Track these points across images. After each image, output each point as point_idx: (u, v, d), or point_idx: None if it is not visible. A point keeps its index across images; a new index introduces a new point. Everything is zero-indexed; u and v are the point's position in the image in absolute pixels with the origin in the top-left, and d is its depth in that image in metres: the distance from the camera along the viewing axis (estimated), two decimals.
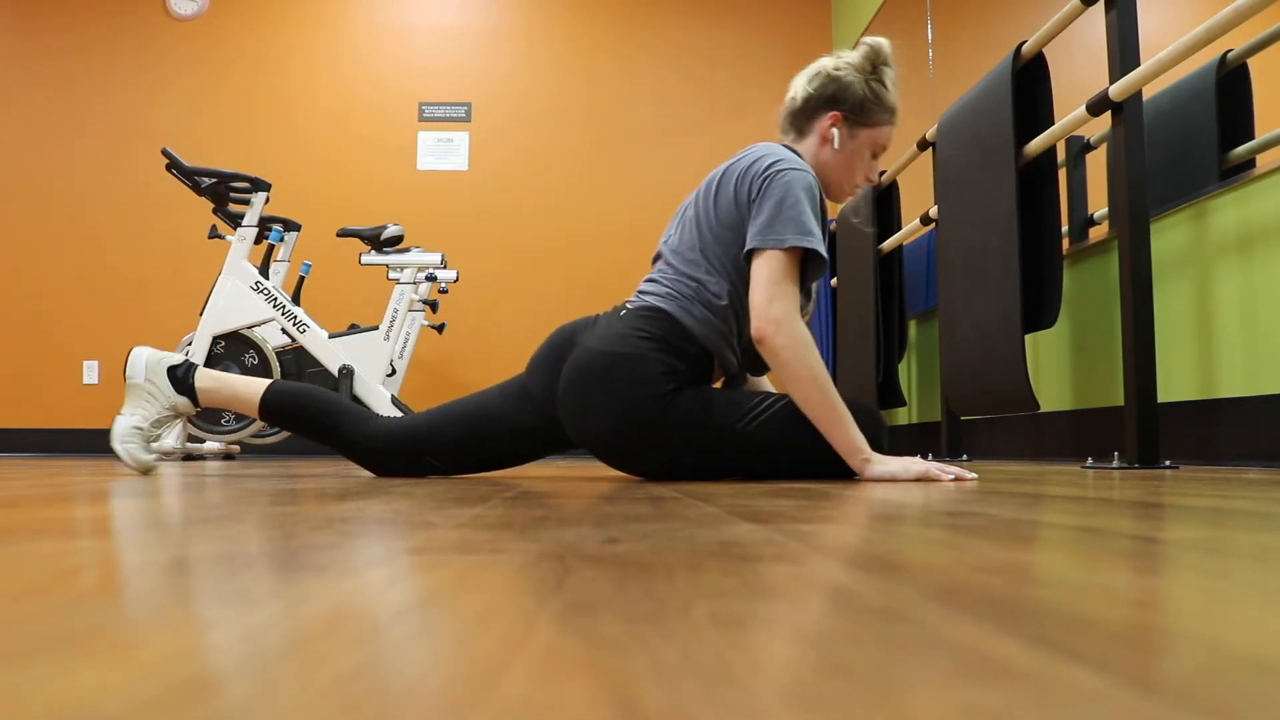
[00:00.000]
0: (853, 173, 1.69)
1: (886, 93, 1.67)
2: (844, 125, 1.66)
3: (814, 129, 1.68)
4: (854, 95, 1.65)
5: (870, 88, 1.65)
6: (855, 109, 1.65)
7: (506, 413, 1.66)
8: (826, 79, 1.66)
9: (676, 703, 0.21)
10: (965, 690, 0.22)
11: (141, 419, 1.62)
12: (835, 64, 1.68)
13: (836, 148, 1.66)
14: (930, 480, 1.39)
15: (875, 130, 1.67)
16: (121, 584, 0.39)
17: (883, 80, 1.67)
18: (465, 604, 0.34)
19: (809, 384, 1.48)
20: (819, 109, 1.67)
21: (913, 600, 0.35)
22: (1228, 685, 0.22)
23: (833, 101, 1.66)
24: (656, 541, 0.55)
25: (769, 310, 1.49)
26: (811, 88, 1.68)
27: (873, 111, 1.66)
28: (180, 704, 0.21)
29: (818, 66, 1.70)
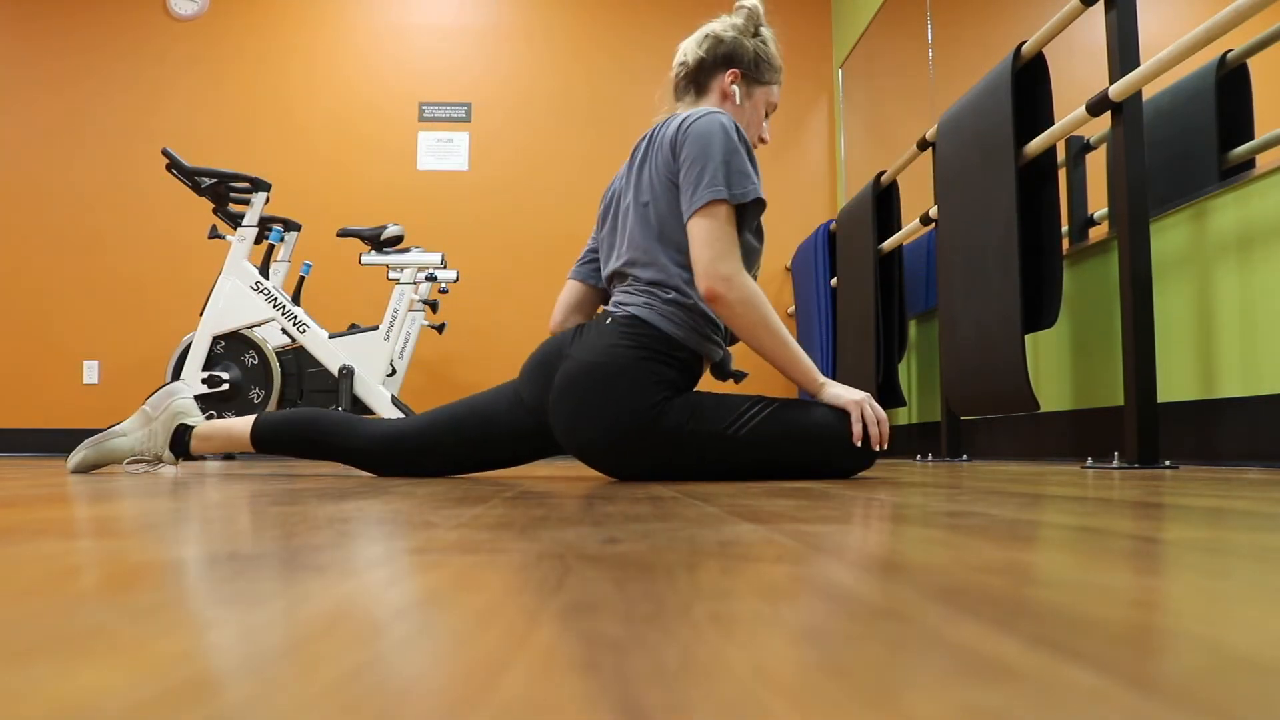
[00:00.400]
0: (753, 129, 1.74)
1: (772, 51, 1.74)
2: (742, 82, 1.72)
3: (712, 88, 1.73)
4: (747, 54, 1.71)
5: (758, 47, 1.72)
6: (750, 66, 1.72)
7: (502, 415, 1.66)
8: (716, 40, 1.72)
9: (676, 703, 0.21)
10: (965, 690, 0.22)
11: (132, 444, 1.71)
12: (722, 27, 1.73)
13: (738, 104, 1.72)
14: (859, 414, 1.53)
15: (767, 88, 1.74)
16: (121, 584, 0.39)
17: (766, 41, 1.74)
18: (465, 604, 0.34)
19: (763, 331, 1.55)
20: (715, 68, 1.72)
21: (913, 600, 0.35)
22: (1228, 685, 0.22)
23: (728, 60, 1.72)
24: (656, 541, 0.55)
25: (717, 267, 1.53)
26: (703, 50, 1.73)
27: (765, 69, 1.73)
28: (180, 704, 0.21)
29: (703, 31, 1.75)
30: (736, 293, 1.52)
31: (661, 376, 1.55)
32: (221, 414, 3.63)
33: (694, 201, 1.55)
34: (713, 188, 1.54)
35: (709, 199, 1.53)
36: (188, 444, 1.71)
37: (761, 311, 1.54)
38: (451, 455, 1.68)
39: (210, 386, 3.59)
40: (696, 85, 1.74)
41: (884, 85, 4.43)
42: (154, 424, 1.72)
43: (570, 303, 1.82)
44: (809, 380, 1.58)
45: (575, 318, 1.81)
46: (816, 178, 5.27)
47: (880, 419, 1.54)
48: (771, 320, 1.55)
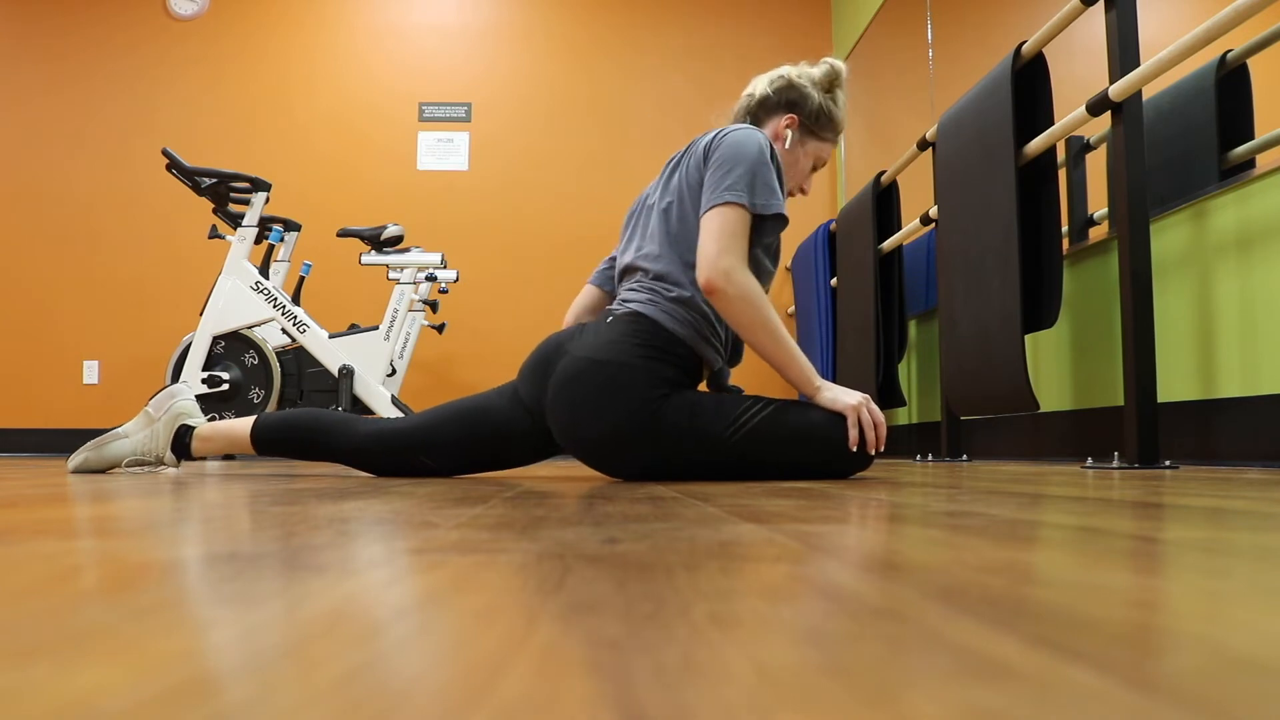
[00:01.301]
0: (795, 177, 1.76)
1: (839, 112, 1.76)
2: (798, 129, 1.74)
3: (768, 125, 1.75)
4: (812, 105, 1.73)
5: (826, 103, 1.74)
6: (811, 117, 1.74)
7: (503, 414, 1.66)
8: (788, 84, 1.74)
9: (676, 703, 0.21)
10: (965, 690, 0.22)
11: (134, 445, 1.72)
12: (798, 73, 1.75)
13: (787, 148, 1.73)
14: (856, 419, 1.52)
15: (821, 144, 1.76)
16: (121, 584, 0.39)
17: (836, 100, 1.76)
18: (465, 604, 0.34)
19: (761, 330, 1.55)
20: (777, 109, 1.74)
21: (913, 600, 0.35)
22: (1228, 685, 0.22)
23: (791, 105, 1.74)
24: (656, 541, 0.55)
25: (718, 261, 1.53)
26: (773, 88, 1.75)
27: (825, 125, 1.75)
28: (180, 704, 0.21)
29: (781, 71, 1.77)
30: (735, 288, 1.52)
31: (660, 374, 1.55)
32: (221, 414, 3.63)
33: (713, 199, 1.57)
34: (734, 191, 1.55)
35: (728, 199, 1.55)
36: (189, 445, 1.72)
37: (759, 309, 1.54)
38: (451, 454, 1.68)
39: (210, 386, 3.59)
40: (754, 118, 1.77)
41: (884, 85, 4.43)
42: (156, 425, 1.72)
43: (584, 306, 1.86)
44: (805, 382, 1.58)
45: (587, 320, 1.83)
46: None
47: (878, 422, 1.54)
48: (769, 319, 1.55)
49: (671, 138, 5.25)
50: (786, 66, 1.78)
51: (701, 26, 5.35)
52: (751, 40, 5.34)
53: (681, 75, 5.32)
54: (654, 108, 5.29)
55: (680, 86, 5.31)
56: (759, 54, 5.32)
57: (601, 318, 1.64)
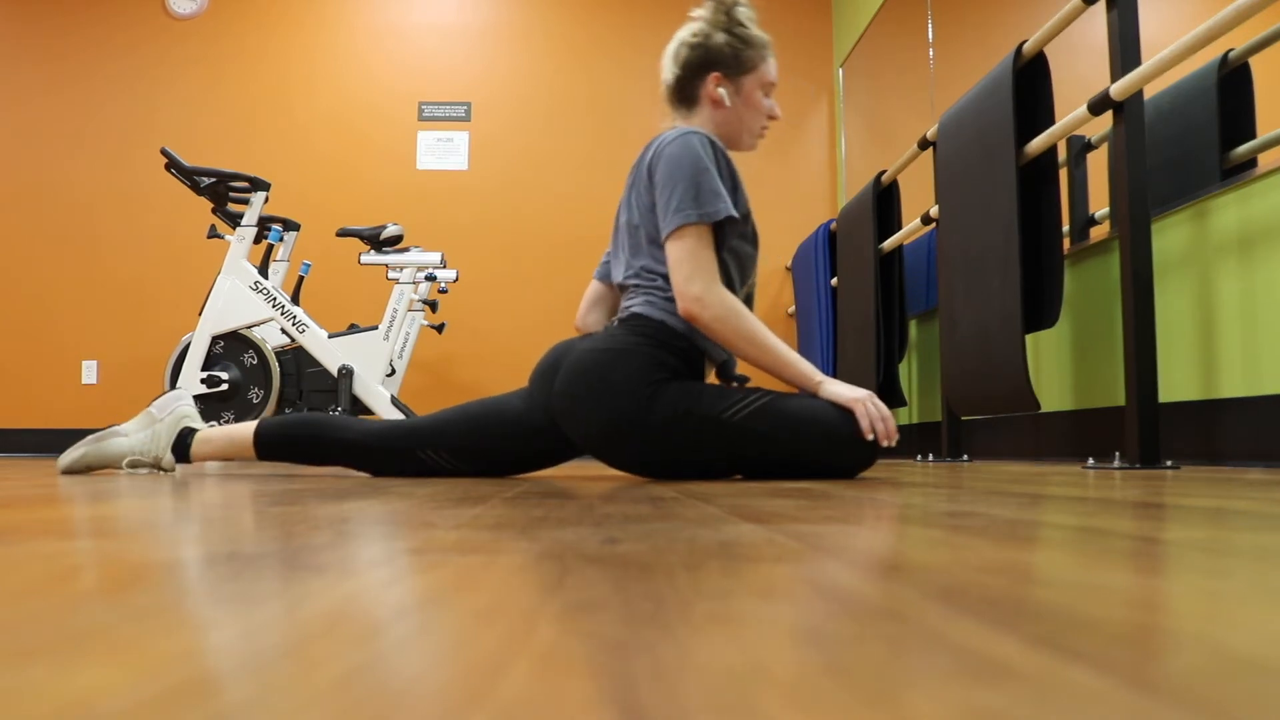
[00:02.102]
0: (754, 119, 1.73)
1: (750, 31, 1.71)
2: (727, 82, 1.70)
3: (700, 96, 1.72)
4: (722, 51, 1.69)
5: (733, 35, 1.70)
6: (729, 63, 1.70)
7: (519, 411, 1.68)
8: (689, 48, 1.71)
9: (676, 703, 0.21)
10: (965, 690, 0.22)
11: (133, 445, 1.71)
12: (690, 30, 1.72)
13: (729, 105, 1.71)
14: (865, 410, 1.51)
15: (756, 72, 1.72)
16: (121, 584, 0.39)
17: (740, 21, 1.71)
18: (465, 604, 0.34)
19: (745, 343, 1.56)
20: (694, 77, 1.71)
21: (913, 600, 0.35)
22: (1228, 685, 0.22)
23: (705, 65, 1.70)
24: (656, 541, 0.55)
25: (688, 288, 1.56)
26: (679, 64, 1.72)
27: (746, 57, 1.71)
28: (180, 704, 0.21)
29: (676, 39, 1.73)
30: (710, 310, 1.55)
31: (660, 360, 1.58)
32: (221, 414, 3.63)
33: (666, 227, 1.59)
34: (681, 212, 1.57)
35: (678, 223, 1.57)
36: (189, 448, 1.71)
37: (738, 323, 1.55)
38: (462, 449, 1.68)
39: (209, 386, 3.59)
40: (684, 100, 1.74)
41: (884, 85, 4.43)
42: (158, 426, 1.72)
43: (592, 298, 1.89)
44: (805, 379, 1.58)
45: (596, 312, 1.87)
46: (816, 177, 5.27)
47: (885, 416, 1.54)
48: (751, 329, 1.56)
49: None
50: (679, 31, 1.74)
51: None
52: None
53: None
54: (653, 108, 5.28)
55: None
56: None
57: (608, 325, 1.69)
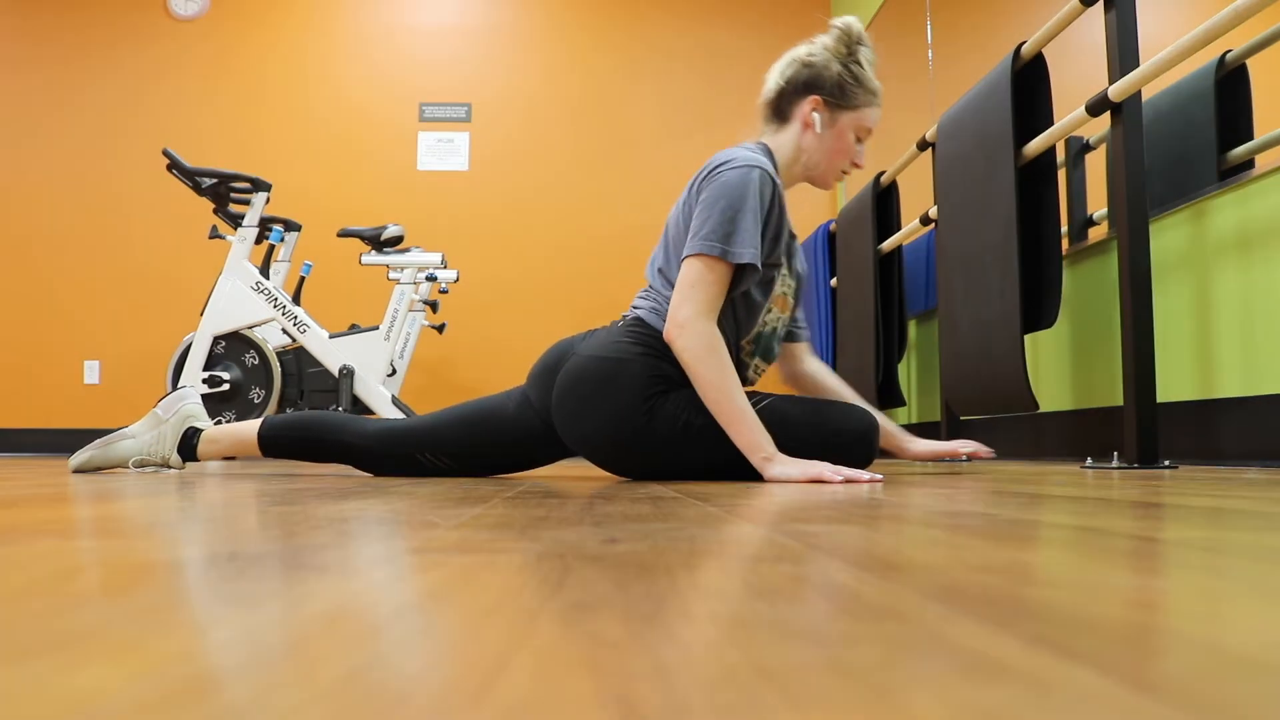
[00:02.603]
0: (839, 157, 1.67)
1: (865, 73, 1.65)
2: (824, 109, 1.65)
3: (794, 115, 1.67)
4: (830, 78, 1.64)
5: (848, 69, 1.64)
6: (834, 92, 1.64)
7: (512, 414, 1.68)
8: (800, 65, 1.66)
9: (676, 703, 0.21)
10: (965, 690, 0.22)
11: (140, 446, 1.72)
12: (808, 50, 1.67)
13: (819, 131, 1.65)
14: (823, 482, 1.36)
15: (857, 113, 1.66)
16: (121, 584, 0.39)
17: (859, 60, 1.66)
18: (465, 604, 0.34)
19: (707, 386, 1.49)
20: (796, 95, 1.66)
21: (913, 600, 0.35)
22: (1227, 685, 0.22)
23: (809, 86, 1.65)
24: (656, 541, 0.55)
25: (676, 313, 1.52)
26: (784, 77, 1.67)
27: (853, 93, 1.65)
28: (180, 704, 0.21)
29: (790, 55, 1.69)
30: (685, 340, 1.50)
31: (660, 371, 1.57)
32: (222, 414, 3.63)
33: (688, 248, 1.54)
34: (706, 240, 1.52)
35: (698, 250, 1.52)
36: (194, 447, 1.72)
37: (709, 362, 1.48)
38: (458, 454, 1.69)
39: (211, 386, 3.59)
40: (778, 114, 1.68)
41: (884, 85, 4.43)
42: (164, 426, 1.73)
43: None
44: (752, 448, 1.45)
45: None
46: None
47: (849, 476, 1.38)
48: (719, 375, 1.48)
49: (670, 137, 5.25)
50: (798, 46, 1.68)
51: (700, 27, 5.35)
52: (750, 40, 5.34)
53: (680, 75, 5.32)
54: (653, 107, 5.29)
55: (679, 86, 5.31)
56: (758, 53, 5.32)
57: (612, 324, 1.68)
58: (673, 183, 5.20)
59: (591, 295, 5.11)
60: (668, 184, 5.20)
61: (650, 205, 5.19)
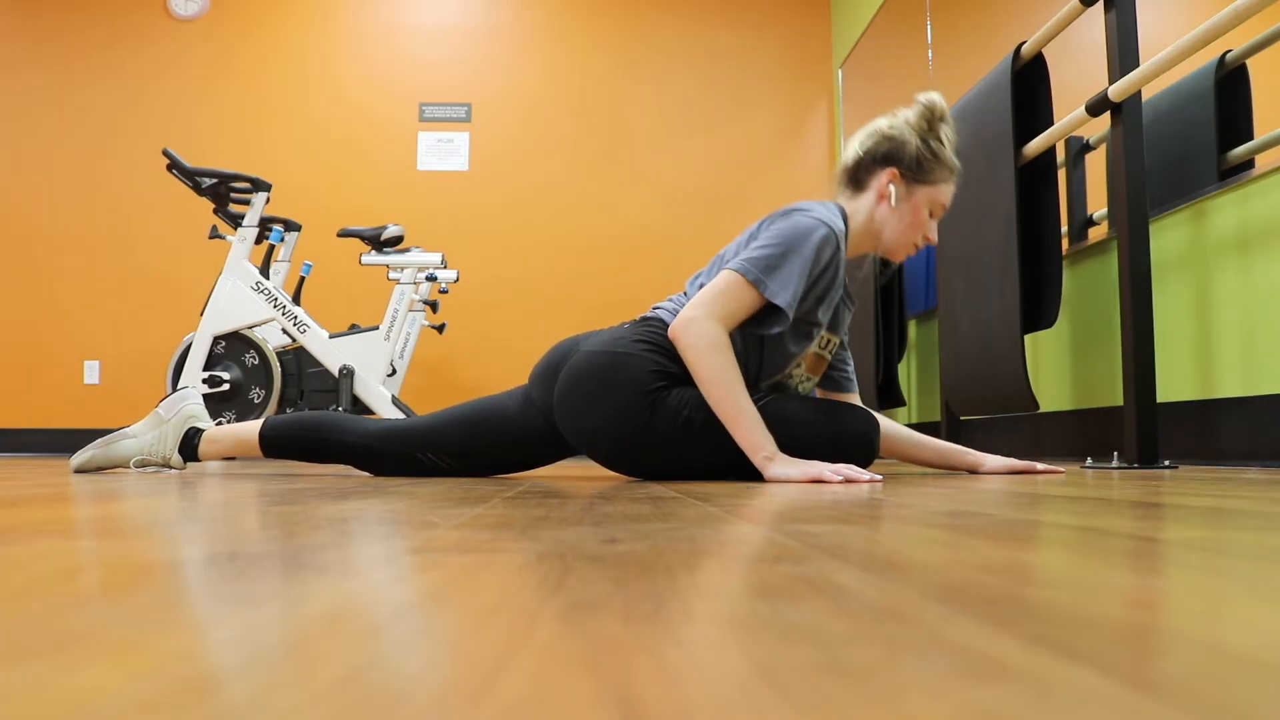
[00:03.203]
0: (912, 231, 1.64)
1: (944, 150, 1.64)
2: (901, 182, 1.63)
3: (870, 185, 1.65)
4: (910, 152, 1.62)
5: (928, 145, 1.62)
6: (912, 166, 1.62)
7: (514, 414, 1.68)
8: (881, 137, 1.64)
9: (676, 703, 0.21)
10: (965, 690, 0.22)
11: (141, 445, 1.72)
12: (890, 122, 1.65)
13: (894, 204, 1.62)
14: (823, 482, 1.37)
15: (934, 188, 1.63)
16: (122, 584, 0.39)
17: (940, 137, 1.64)
18: (465, 604, 0.34)
19: (709, 383, 1.49)
20: (874, 165, 1.64)
21: (913, 600, 0.35)
22: (1227, 685, 0.22)
23: (888, 159, 1.63)
24: (656, 541, 0.55)
25: (686, 311, 1.52)
26: (864, 147, 1.66)
27: (931, 169, 1.62)
28: (180, 704, 0.21)
29: (872, 126, 1.67)
30: (689, 335, 1.50)
31: (662, 368, 1.57)
32: (222, 414, 3.64)
33: (729, 264, 1.54)
34: (748, 263, 1.51)
35: (736, 267, 1.52)
36: (196, 447, 1.73)
37: (709, 360, 1.48)
38: (460, 453, 1.69)
39: (211, 386, 3.59)
40: (855, 182, 1.67)
41: (884, 85, 4.43)
42: (165, 426, 1.74)
43: None
44: (753, 448, 1.46)
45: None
46: (817, 177, 5.26)
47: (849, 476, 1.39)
48: (719, 374, 1.48)
49: (670, 137, 5.26)
50: (880, 118, 1.68)
51: (700, 27, 5.35)
52: (751, 40, 5.34)
53: (681, 74, 5.32)
54: (654, 108, 5.29)
55: (680, 85, 5.31)
56: (758, 53, 5.32)
57: (622, 323, 1.68)
58: (672, 181, 5.20)
59: (592, 295, 5.11)
60: (668, 184, 5.20)
61: (650, 205, 5.19)
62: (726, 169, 5.24)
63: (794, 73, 5.31)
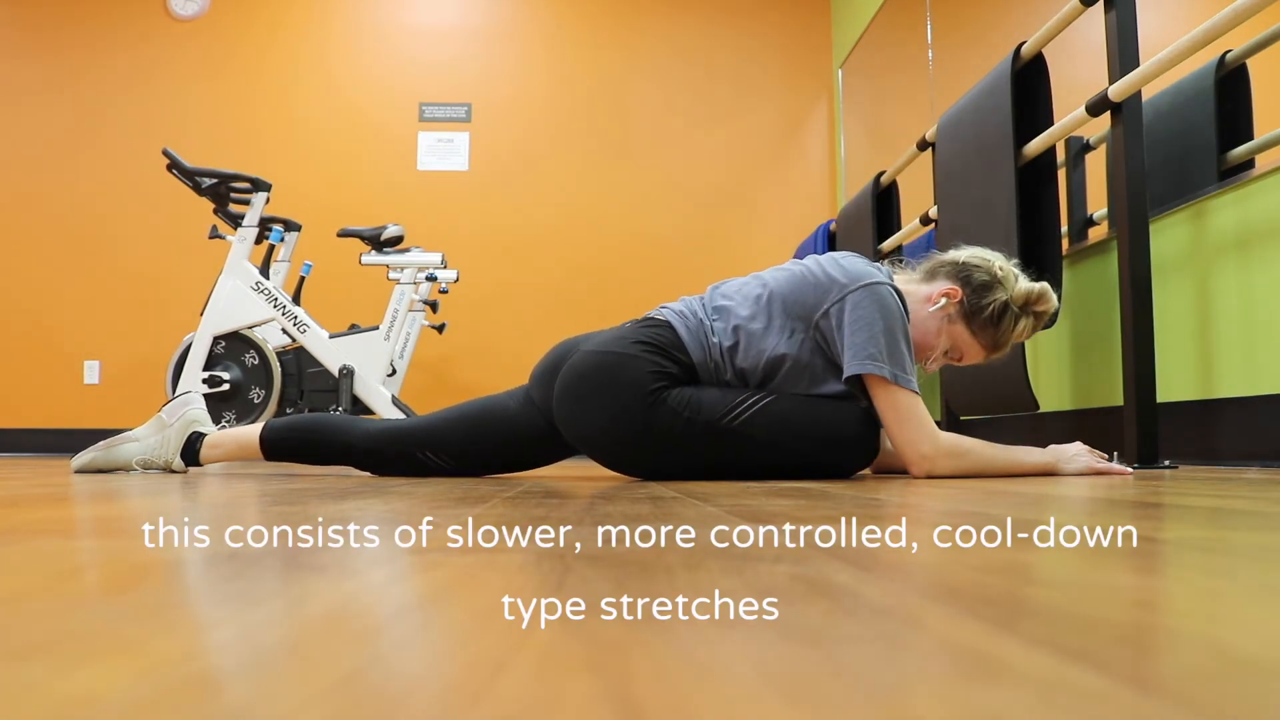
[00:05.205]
0: (927, 348, 1.63)
1: (1008, 330, 1.61)
2: (954, 306, 1.60)
3: (935, 285, 1.63)
4: (987, 300, 1.59)
5: (1004, 313, 1.59)
6: (975, 307, 1.59)
7: (514, 413, 1.68)
8: (986, 270, 1.61)
9: (676, 703, 0.21)
10: (965, 690, 0.22)
11: (144, 449, 1.73)
12: (1006, 269, 1.62)
13: (931, 311, 1.60)
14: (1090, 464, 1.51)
15: (969, 336, 1.61)
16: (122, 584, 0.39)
17: (1017, 320, 1.61)
18: (465, 604, 0.34)
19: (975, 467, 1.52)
20: (952, 276, 1.62)
21: (913, 600, 0.35)
22: (1227, 685, 0.22)
23: (966, 284, 1.60)
24: (656, 541, 0.55)
25: (918, 449, 1.49)
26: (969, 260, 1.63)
27: (983, 324, 1.59)
28: (180, 704, 0.21)
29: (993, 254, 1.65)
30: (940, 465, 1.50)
31: (661, 369, 1.56)
32: (222, 414, 3.64)
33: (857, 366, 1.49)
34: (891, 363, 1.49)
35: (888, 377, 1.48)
36: (198, 451, 1.73)
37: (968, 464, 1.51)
38: (461, 453, 1.69)
39: (211, 386, 3.60)
40: (931, 273, 1.66)
41: (884, 85, 4.43)
42: (168, 430, 1.74)
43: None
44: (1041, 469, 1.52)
45: None
46: (816, 178, 5.27)
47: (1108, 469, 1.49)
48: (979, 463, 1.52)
49: (671, 137, 5.26)
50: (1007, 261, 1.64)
51: (701, 26, 5.35)
52: (751, 40, 5.34)
53: (681, 74, 5.32)
54: (654, 107, 5.29)
55: (680, 85, 5.31)
56: (758, 53, 5.32)
57: (624, 324, 1.67)
58: (672, 181, 5.20)
59: (592, 295, 5.11)
60: (668, 183, 5.20)
61: (650, 204, 5.19)
62: (726, 168, 5.24)
63: (793, 72, 5.30)
